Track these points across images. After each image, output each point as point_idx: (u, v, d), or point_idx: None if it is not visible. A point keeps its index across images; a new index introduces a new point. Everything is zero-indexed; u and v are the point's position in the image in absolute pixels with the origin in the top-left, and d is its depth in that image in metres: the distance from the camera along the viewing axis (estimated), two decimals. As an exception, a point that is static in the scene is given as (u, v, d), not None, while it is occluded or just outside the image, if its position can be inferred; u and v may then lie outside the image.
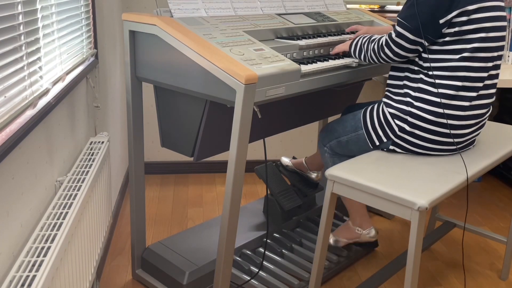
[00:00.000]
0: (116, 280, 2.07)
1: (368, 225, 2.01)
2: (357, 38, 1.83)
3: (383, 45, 1.70)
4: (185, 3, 1.74)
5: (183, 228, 2.50)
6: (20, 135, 1.16)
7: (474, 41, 1.59)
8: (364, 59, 1.80)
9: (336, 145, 1.90)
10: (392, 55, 1.69)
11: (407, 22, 1.63)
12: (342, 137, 1.87)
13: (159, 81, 1.72)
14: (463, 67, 1.61)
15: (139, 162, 1.92)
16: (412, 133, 1.67)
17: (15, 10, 1.20)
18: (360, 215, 2.01)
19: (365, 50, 1.77)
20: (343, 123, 1.89)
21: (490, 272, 2.22)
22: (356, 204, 1.99)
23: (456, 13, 1.57)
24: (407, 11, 1.64)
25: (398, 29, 1.66)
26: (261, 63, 1.52)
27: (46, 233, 1.26)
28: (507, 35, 2.77)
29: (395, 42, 1.66)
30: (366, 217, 2.02)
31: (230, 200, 1.56)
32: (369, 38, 1.78)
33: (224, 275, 1.66)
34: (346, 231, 2.06)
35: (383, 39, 1.71)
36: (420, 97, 1.65)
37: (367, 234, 2.01)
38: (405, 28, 1.63)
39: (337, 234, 2.09)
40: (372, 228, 2.01)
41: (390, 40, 1.68)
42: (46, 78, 1.47)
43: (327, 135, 1.94)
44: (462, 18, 1.57)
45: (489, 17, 1.59)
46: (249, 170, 3.03)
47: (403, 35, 1.64)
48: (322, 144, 1.96)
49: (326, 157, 1.97)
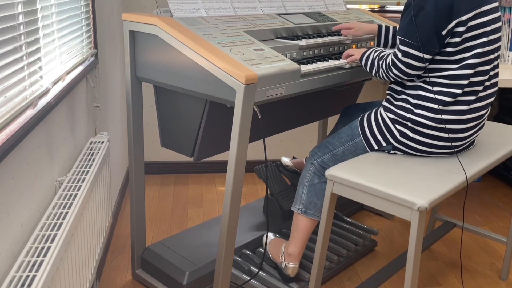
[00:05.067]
0: (116, 280, 2.07)
1: (295, 260, 1.90)
2: (368, 52, 1.76)
3: (390, 65, 1.63)
4: (185, 3, 1.74)
5: (183, 228, 2.50)
6: (20, 135, 1.16)
7: (476, 47, 1.57)
8: (375, 76, 1.74)
9: (329, 158, 1.81)
10: (401, 74, 1.62)
11: (410, 39, 1.57)
12: (338, 149, 1.79)
13: (159, 81, 1.72)
14: (464, 75, 1.58)
15: (139, 162, 1.92)
16: (414, 138, 1.66)
17: (15, 10, 1.20)
18: (297, 245, 1.89)
19: (376, 68, 1.71)
20: (338, 135, 1.82)
21: (490, 272, 2.22)
22: (302, 233, 1.88)
23: (454, 23, 1.54)
24: (407, 27, 1.57)
25: (403, 48, 1.59)
26: (261, 63, 1.52)
27: (46, 233, 1.26)
28: (507, 35, 2.77)
29: (402, 61, 1.60)
30: (301, 251, 1.90)
31: (230, 200, 1.56)
32: (379, 54, 1.71)
33: (224, 275, 1.66)
34: (277, 248, 1.99)
35: (389, 59, 1.64)
36: (420, 104, 1.63)
37: (286, 268, 1.91)
38: (409, 45, 1.57)
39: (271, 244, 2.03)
40: (295, 266, 1.90)
41: (397, 60, 1.61)
42: (46, 78, 1.47)
43: (320, 149, 1.85)
44: (460, 28, 1.54)
45: (487, 21, 1.57)
46: (249, 170, 3.03)
47: (409, 53, 1.58)
48: (313, 158, 1.85)
49: (308, 171, 1.87)
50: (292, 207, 1.90)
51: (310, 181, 1.85)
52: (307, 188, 1.86)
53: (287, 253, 1.92)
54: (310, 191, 1.85)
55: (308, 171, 1.87)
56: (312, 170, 1.85)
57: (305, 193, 1.86)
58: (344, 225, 2.37)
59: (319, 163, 1.83)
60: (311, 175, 1.85)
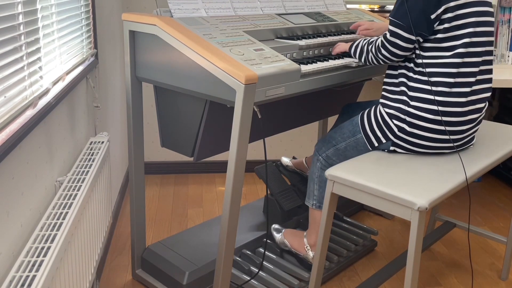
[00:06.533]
0: (116, 280, 2.07)
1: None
2: (357, 41, 1.83)
3: (380, 46, 1.70)
4: (185, 3, 1.74)
5: (183, 228, 2.50)
6: (20, 135, 1.16)
7: (464, 37, 1.60)
8: (365, 62, 1.80)
9: (333, 153, 1.86)
10: (389, 55, 1.68)
11: (399, 20, 1.63)
12: (340, 144, 1.84)
13: (159, 81, 1.72)
14: (454, 63, 1.61)
15: (139, 162, 1.92)
16: (412, 133, 1.67)
17: (15, 10, 1.20)
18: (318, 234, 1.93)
19: (365, 52, 1.77)
20: (340, 130, 1.86)
21: (490, 272, 2.22)
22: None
23: (442, 9, 1.58)
24: (398, 9, 1.64)
25: (392, 28, 1.65)
26: (261, 63, 1.52)
27: (46, 233, 1.26)
28: (507, 35, 2.77)
29: (390, 41, 1.66)
30: None
31: (230, 200, 1.56)
32: (367, 40, 1.78)
33: (224, 275, 1.66)
34: (297, 240, 2.02)
35: (379, 40, 1.71)
36: (416, 96, 1.65)
37: (311, 257, 1.94)
38: (398, 26, 1.63)
39: (287, 235, 2.07)
40: None
41: (385, 40, 1.68)
42: (46, 78, 1.47)
43: (324, 144, 1.90)
44: (448, 14, 1.58)
45: (475, 12, 1.61)
46: (249, 170, 3.03)
47: (397, 33, 1.64)
48: (318, 154, 1.91)
49: (315, 166, 1.92)
50: (306, 202, 1.96)
51: (319, 177, 1.90)
52: (318, 184, 1.91)
53: (310, 245, 1.97)
54: (321, 186, 1.91)
55: (316, 167, 1.92)
56: (319, 166, 1.91)
57: (316, 189, 1.92)
58: (344, 225, 2.37)
59: (324, 158, 1.88)
60: (319, 170, 1.91)
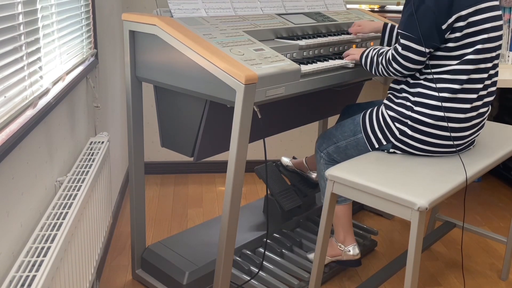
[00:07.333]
0: (116, 280, 2.07)
1: (352, 242, 1.94)
2: (367, 51, 1.77)
3: (390, 59, 1.65)
4: (185, 3, 1.74)
5: (183, 228, 2.50)
6: (20, 135, 1.16)
7: (476, 44, 1.57)
8: (375, 73, 1.75)
9: (334, 150, 1.86)
10: (400, 68, 1.63)
11: (410, 33, 1.58)
12: (341, 142, 1.83)
13: (159, 81, 1.72)
14: (464, 70, 1.58)
15: (139, 162, 1.92)
16: (413, 137, 1.66)
17: (15, 10, 1.20)
18: (344, 230, 1.94)
19: (375, 64, 1.72)
20: (341, 128, 1.85)
21: (490, 272, 2.22)
22: (343, 218, 1.93)
23: (454, 18, 1.54)
24: (407, 21, 1.59)
25: (403, 41, 1.60)
26: (261, 63, 1.52)
27: (46, 233, 1.26)
28: (507, 35, 2.77)
29: (402, 55, 1.61)
30: (351, 233, 1.95)
31: (230, 200, 1.56)
32: (378, 51, 1.73)
33: (224, 275, 1.66)
34: (329, 248, 1.99)
35: (389, 54, 1.65)
36: (420, 101, 1.63)
37: (349, 251, 1.94)
38: (409, 39, 1.58)
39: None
40: (355, 246, 1.94)
41: (396, 54, 1.62)
42: (46, 78, 1.47)
43: (324, 141, 1.90)
44: (460, 23, 1.55)
45: (487, 18, 1.58)
46: (249, 170, 3.03)
47: (408, 46, 1.59)
48: (319, 150, 1.91)
49: (320, 164, 1.93)
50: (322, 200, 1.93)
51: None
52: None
53: (341, 242, 1.96)
54: None
55: (321, 164, 1.93)
56: (323, 163, 1.92)
57: None
58: (344, 225, 2.37)
59: (326, 155, 1.89)
60: (324, 167, 1.92)
